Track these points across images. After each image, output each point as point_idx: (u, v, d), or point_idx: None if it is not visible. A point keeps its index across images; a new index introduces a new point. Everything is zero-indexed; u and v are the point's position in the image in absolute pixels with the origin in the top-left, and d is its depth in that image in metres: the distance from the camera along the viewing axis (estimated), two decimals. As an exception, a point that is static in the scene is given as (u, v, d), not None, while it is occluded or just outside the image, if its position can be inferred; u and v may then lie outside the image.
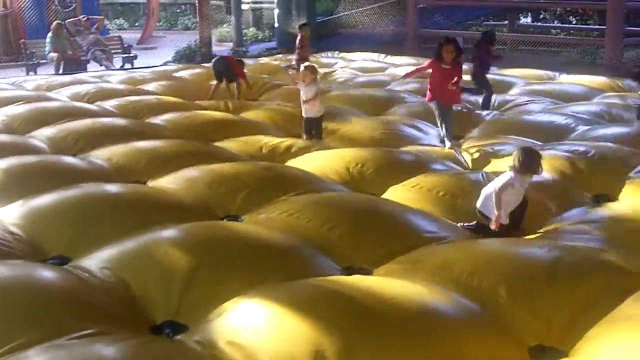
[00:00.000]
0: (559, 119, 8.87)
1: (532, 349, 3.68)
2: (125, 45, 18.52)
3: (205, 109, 10.09)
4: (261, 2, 26.33)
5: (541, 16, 24.52)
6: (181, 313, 4.03)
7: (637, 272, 4.31)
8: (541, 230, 5.36)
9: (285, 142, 7.95)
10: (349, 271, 4.59)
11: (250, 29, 24.29)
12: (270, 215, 5.45)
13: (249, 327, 3.66)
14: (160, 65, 16.27)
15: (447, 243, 4.99)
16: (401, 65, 15.36)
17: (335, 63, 16.06)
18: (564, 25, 23.30)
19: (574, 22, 23.55)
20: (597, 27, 20.36)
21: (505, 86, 12.11)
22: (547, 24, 23.89)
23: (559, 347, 3.67)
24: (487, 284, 4.09)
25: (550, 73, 13.55)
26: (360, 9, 21.39)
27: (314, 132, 8.36)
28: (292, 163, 7.16)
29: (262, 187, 6.08)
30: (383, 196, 6.19)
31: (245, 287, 4.09)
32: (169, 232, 4.87)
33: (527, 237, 5.23)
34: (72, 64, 16.25)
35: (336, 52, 18.15)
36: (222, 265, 4.40)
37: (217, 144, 7.95)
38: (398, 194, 6.14)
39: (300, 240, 4.92)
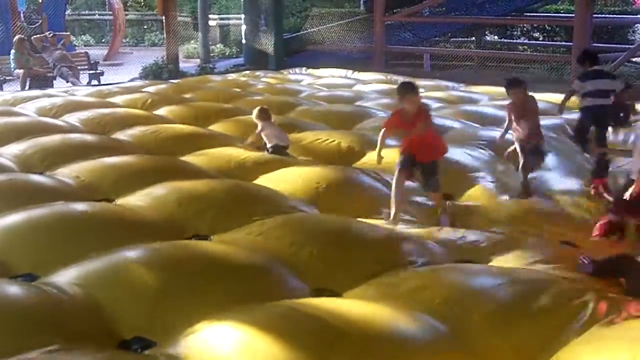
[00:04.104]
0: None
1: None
2: (92, 62, 18.44)
3: (172, 121, 10.06)
4: (228, 18, 26.38)
5: (508, 32, 24.78)
6: (151, 330, 4.01)
7: (610, 296, 4.28)
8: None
9: (253, 155, 7.97)
10: (319, 293, 4.55)
11: (218, 45, 24.36)
12: (240, 235, 5.43)
13: (219, 346, 3.64)
14: (127, 82, 16.21)
15: (422, 268, 4.94)
16: (369, 81, 15.47)
17: (303, 80, 16.10)
18: (530, 42, 23.57)
19: (540, 39, 23.84)
20: (564, 43, 20.62)
21: (471, 102, 12.24)
22: (514, 41, 24.15)
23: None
24: (458, 309, 4.07)
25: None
26: (327, 26, 21.49)
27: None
28: (261, 180, 7.16)
29: (231, 206, 6.07)
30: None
31: (215, 307, 4.07)
32: (139, 251, 4.83)
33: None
34: (39, 81, 16.13)
35: (304, 68, 18.21)
36: (191, 285, 4.37)
37: (185, 157, 7.95)
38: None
39: (270, 261, 4.89)
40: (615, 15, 22.07)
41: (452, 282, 4.53)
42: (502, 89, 12.95)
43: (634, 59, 17.75)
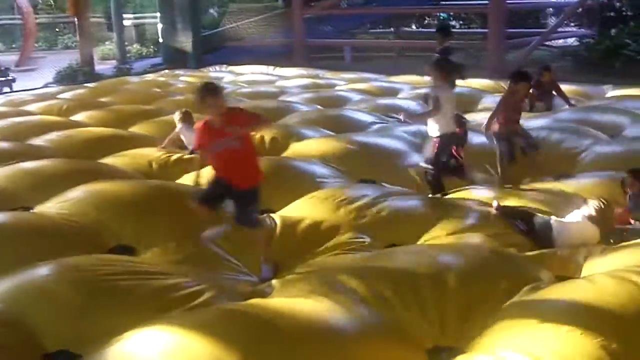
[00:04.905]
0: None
1: (430, 351, 3.72)
2: (2, 68, 17.91)
3: (88, 125, 9.82)
4: (144, 18, 25.97)
5: (425, 22, 25.04)
6: (75, 342, 3.91)
7: (525, 272, 4.42)
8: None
9: (174, 155, 7.81)
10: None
11: (134, 46, 23.97)
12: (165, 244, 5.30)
13: (146, 352, 3.53)
14: (41, 88, 15.80)
15: (350, 256, 4.93)
16: (291, 76, 15.42)
17: (224, 77, 15.96)
18: (448, 30, 23.82)
19: (457, 27, 24.14)
20: (480, 30, 20.92)
21: (393, 92, 12.29)
22: (432, 30, 24.37)
23: (455, 345, 3.72)
24: (383, 291, 4.08)
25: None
26: (246, 21, 21.34)
27: None
28: (185, 179, 6.99)
29: (155, 209, 5.89)
30: (283, 210, 6.12)
31: (141, 318, 3.95)
32: (60, 264, 4.66)
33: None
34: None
35: (224, 65, 18.07)
36: (115, 296, 4.28)
37: (105, 160, 7.75)
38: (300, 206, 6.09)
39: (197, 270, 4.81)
40: (528, 1, 22.46)
41: (371, 265, 4.55)
42: (422, 78, 13.24)
43: (547, 43, 18.14)
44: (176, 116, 8.45)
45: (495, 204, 5.66)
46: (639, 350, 3.20)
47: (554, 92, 10.29)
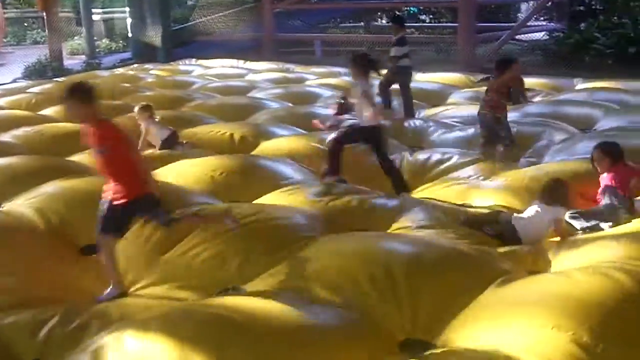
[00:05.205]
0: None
1: (401, 344, 3.73)
2: (-31, 64, 17.72)
3: (57, 120, 9.71)
4: (113, 12, 25.75)
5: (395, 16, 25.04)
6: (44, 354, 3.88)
7: (496, 266, 4.44)
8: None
9: (143, 151, 7.71)
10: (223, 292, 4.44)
11: (103, 40, 23.77)
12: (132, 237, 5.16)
13: (116, 356, 3.50)
14: (10, 83, 15.62)
15: (313, 245, 4.87)
16: (261, 71, 15.38)
17: (193, 71, 15.89)
18: (418, 24, 23.92)
19: (427, 21, 24.23)
20: (450, 24, 20.99)
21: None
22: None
23: (426, 338, 3.72)
24: (354, 286, 4.08)
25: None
26: (216, 15, 21.24)
27: None
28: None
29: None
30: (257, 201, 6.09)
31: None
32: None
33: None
34: None
35: (194, 59, 17.99)
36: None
37: (74, 157, 7.67)
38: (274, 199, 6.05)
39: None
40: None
41: (342, 257, 4.50)
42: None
43: (517, 37, 18.24)
44: (137, 113, 8.37)
45: (461, 218, 5.51)
46: (610, 344, 3.20)
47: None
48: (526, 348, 3.24)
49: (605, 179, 5.49)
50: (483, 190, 6.22)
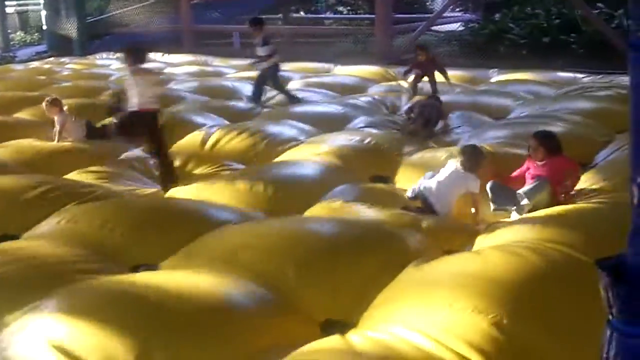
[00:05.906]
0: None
1: (322, 324, 3.77)
2: None
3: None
4: (27, 4, 25.13)
5: (313, 8, 25.17)
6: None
7: (413, 245, 4.53)
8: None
9: (62, 146, 7.64)
10: (136, 269, 4.47)
11: (18, 33, 23.19)
12: (49, 228, 5.18)
13: (34, 338, 3.46)
14: None
15: (230, 227, 4.95)
16: (179, 63, 15.24)
17: (111, 64, 15.65)
18: (335, 15, 24.05)
19: (345, 12, 24.37)
20: (367, 15, 21.13)
21: (284, 81, 12.30)
22: (320, 15, 24.55)
23: (347, 319, 3.76)
24: (273, 266, 4.13)
25: (326, 65, 13.93)
26: (132, 7, 20.93)
27: None
28: (73, 175, 6.80)
29: (42, 200, 5.72)
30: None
31: (25, 300, 3.88)
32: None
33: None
34: None
35: (111, 52, 17.71)
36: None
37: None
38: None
39: (83, 248, 4.73)
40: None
41: (261, 239, 4.56)
42: (313, 65, 13.31)
43: (434, 28, 18.50)
44: (45, 108, 8.22)
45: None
46: (525, 325, 3.27)
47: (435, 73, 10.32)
48: (446, 329, 3.26)
49: (537, 168, 5.40)
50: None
